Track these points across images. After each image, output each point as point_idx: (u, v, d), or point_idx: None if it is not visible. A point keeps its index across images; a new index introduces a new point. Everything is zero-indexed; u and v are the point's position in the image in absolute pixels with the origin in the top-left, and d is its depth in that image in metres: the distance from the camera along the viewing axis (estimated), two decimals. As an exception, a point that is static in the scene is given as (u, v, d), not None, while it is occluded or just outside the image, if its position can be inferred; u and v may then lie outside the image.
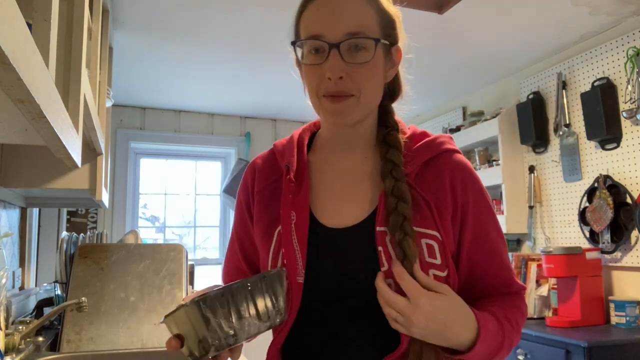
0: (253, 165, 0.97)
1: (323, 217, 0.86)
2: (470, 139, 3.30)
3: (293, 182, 0.87)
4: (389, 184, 0.82)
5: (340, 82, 0.80)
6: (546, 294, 2.62)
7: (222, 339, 0.68)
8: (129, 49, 2.75)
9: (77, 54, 1.03)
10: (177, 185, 4.15)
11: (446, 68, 3.11)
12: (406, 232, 0.77)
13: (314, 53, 0.82)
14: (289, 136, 0.97)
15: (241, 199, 0.96)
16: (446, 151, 0.88)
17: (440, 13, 2.35)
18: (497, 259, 0.88)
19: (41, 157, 1.71)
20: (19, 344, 1.47)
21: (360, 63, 0.80)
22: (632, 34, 2.43)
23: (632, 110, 2.39)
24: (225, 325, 0.68)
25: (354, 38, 0.79)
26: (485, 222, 0.86)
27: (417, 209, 0.81)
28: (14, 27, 0.44)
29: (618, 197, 2.45)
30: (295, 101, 3.74)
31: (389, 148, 0.86)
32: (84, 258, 1.81)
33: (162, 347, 1.64)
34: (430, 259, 0.80)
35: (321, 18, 0.81)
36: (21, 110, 0.58)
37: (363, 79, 0.81)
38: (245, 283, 0.71)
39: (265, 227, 0.89)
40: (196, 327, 0.68)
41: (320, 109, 0.85)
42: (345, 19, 0.79)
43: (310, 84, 0.84)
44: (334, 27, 0.79)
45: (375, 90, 0.85)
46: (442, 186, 0.84)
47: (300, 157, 0.91)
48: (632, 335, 2.16)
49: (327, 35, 0.79)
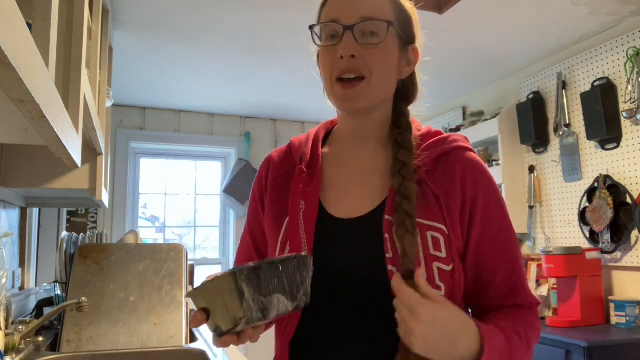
0: (269, 158, 1.00)
1: (332, 208, 0.87)
2: (470, 139, 3.23)
3: (305, 173, 0.90)
4: (397, 183, 0.83)
5: (352, 60, 0.83)
6: (546, 294, 2.62)
7: (253, 312, 0.67)
8: (129, 49, 2.75)
9: (77, 54, 1.03)
10: (177, 185, 4.15)
11: (446, 68, 3.11)
12: (407, 230, 0.78)
13: (331, 38, 0.86)
14: (307, 133, 1.00)
15: (255, 189, 0.99)
16: (458, 148, 0.89)
17: (440, 13, 2.35)
18: (507, 261, 0.85)
19: (41, 157, 1.71)
20: (19, 344, 1.47)
21: (373, 44, 0.83)
22: (632, 34, 2.43)
23: (632, 110, 2.39)
24: (257, 299, 0.67)
25: (366, 21, 0.83)
26: (494, 220, 0.85)
27: (426, 202, 0.82)
28: (14, 27, 0.44)
29: (618, 197, 2.45)
30: (295, 101, 3.74)
31: (399, 148, 0.88)
32: (84, 258, 1.81)
33: (162, 347, 1.64)
34: (435, 252, 0.80)
35: (339, 3, 0.86)
36: (21, 110, 0.58)
37: (374, 61, 0.83)
38: (278, 260, 0.71)
39: (275, 217, 0.91)
40: (228, 300, 0.67)
41: (332, 94, 0.87)
42: (361, 4, 0.84)
43: (325, 66, 0.87)
44: (349, 11, 0.84)
45: (387, 76, 0.87)
46: (453, 182, 0.85)
47: (314, 150, 0.94)
48: (632, 335, 2.15)
49: (342, 19, 0.84)
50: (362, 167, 0.91)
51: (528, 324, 0.83)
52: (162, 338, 1.67)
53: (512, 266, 0.85)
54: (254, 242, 0.99)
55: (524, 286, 0.86)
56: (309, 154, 0.93)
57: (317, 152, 0.93)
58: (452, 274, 0.80)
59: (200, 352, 1.60)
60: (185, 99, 3.72)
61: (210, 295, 0.69)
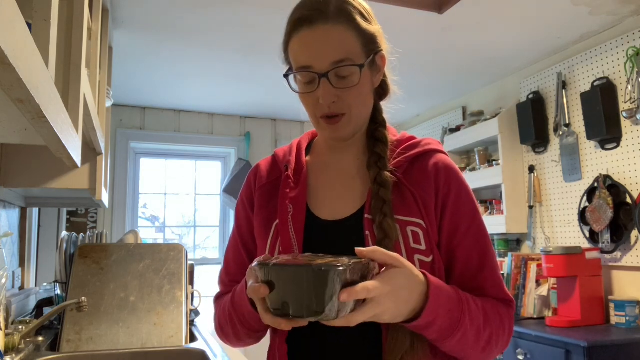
0: (256, 167, 1.05)
1: (318, 211, 0.93)
2: (470, 138, 3.30)
3: (291, 179, 0.95)
4: (373, 174, 0.90)
5: (332, 105, 0.88)
6: (546, 293, 2.62)
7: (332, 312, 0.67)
8: (129, 49, 2.75)
9: (77, 53, 1.03)
10: (177, 185, 4.15)
11: (446, 68, 3.12)
12: (385, 214, 0.84)
13: (307, 84, 0.89)
14: (289, 144, 1.06)
15: (243, 194, 1.04)
16: (431, 150, 0.95)
17: (440, 13, 2.35)
18: (478, 257, 0.88)
19: (41, 157, 1.71)
20: (18, 343, 1.47)
21: (348, 88, 0.87)
22: (632, 33, 2.43)
23: (632, 110, 2.39)
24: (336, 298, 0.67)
25: (339, 67, 0.85)
26: (464, 216, 0.89)
27: (403, 200, 0.88)
28: (14, 27, 0.44)
29: (618, 197, 2.45)
30: (295, 101, 3.71)
31: (376, 142, 0.95)
32: (83, 258, 1.81)
33: (162, 347, 1.64)
34: (416, 245, 0.85)
35: (308, 50, 0.87)
36: (21, 110, 0.58)
37: (352, 99, 0.89)
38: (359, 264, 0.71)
39: (264, 221, 0.95)
40: (313, 291, 0.66)
41: (318, 128, 0.95)
42: (330, 49, 0.85)
43: (308, 108, 0.93)
44: (320, 57, 0.86)
45: (365, 104, 0.93)
46: (427, 180, 0.91)
47: (298, 159, 1.00)
48: (632, 335, 2.16)
49: (315, 66, 0.86)
50: (344, 173, 0.97)
51: (492, 304, 0.86)
52: (162, 338, 1.67)
53: (483, 261, 0.89)
54: (243, 244, 1.02)
55: (495, 281, 0.89)
56: (294, 162, 0.98)
57: (302, 160, 0.99)
58: (432, 265, 0.85)
59: (200, 352, 1.60)
60: (185, 98, 3.72)
61: (290, 278, 0.69)
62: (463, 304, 0.80)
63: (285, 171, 0.97)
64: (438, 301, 0.77)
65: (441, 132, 3.72)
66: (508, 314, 0.88)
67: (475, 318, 0.81)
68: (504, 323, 0.86)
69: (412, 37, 2.63)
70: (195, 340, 1.76)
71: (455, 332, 0.79)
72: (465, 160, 3.54)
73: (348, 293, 0.67)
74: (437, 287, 0.78)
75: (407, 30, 2.54)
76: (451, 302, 0.79)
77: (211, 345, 1.65)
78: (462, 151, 3.52)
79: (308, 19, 0.86)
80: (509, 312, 0.89)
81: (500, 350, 0.88)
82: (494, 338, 0.84)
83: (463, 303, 0.81)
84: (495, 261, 0.91)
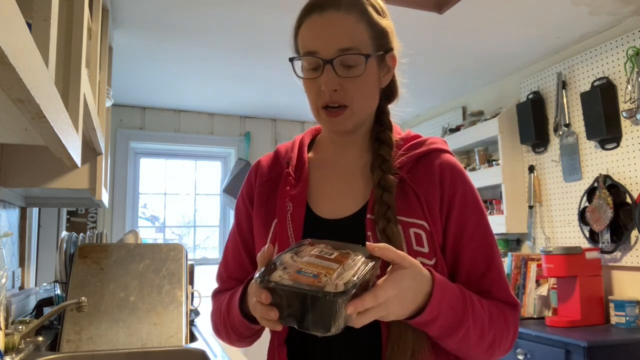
0: (257, 163, 1.04)
1: (319, 210, 0.92)
2: (470, 138, 3.30)
3: (292, 176, 0.94)
4: (377, 176, 0.88)
5: (334, 93, 0.87)
6: (546, 293, 2.62)
7: (339, 328, 0.67)
8: (129, 49, 2.75)
9: (77, 53, 1.03)
10: (177, 185, 4.15)
11: (446, 68, 3.12)
12: (389, 220, 0.83)
13: (311, 70, 0.88)
14: (292, 140, 1.04)
15: (244, 191, 1.02)
16: (437, 150, 0.93)
17: (440, 13, 2.35)
18: (483, 260, 0.87)
19: (41, 157, 1.71)
20: (18, 343, 1.47)
21: (352, 77, 0.86)
22: (632, 33, 2.43)
23: (632, 110, 2.39)
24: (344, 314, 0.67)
25: (345, 54, 0.85)
26: (470, 218, 0.88)
27: (407, 201, 0.87)
28: (14, 27, 0.44)
29: (618, 197, 2.45)
30: (295, 101, 3.74)
31: (380, 144, 0.93)
32: (83, 258, 1.81)
33: (162, 347, 1.64)
34: (418, 247, 0.84)
35: (316, 35, 0.87)
36: (21, 110, 0.58)
37: (355, 91, 0.87)
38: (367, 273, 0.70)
39: (263, 218, 0.94)
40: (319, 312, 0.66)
41: (319, 119, 0.93)
42: (337, 35, 0.85)
43: (310, 96, 0.91)
44: (327, 43, 0.85)
45: (368, 99, 0.91)
46: (432, 180, 0.89)
47: (300, 156, 0.98)
48: (632, 335, 2.16)
49: (321, 52, 0.86)
50: (346, 171, 0.95)
51: (497, 306, 0.85)
52: (162, 338, 1.67)
53: (489, 264, 0.88)
54: (242, 240, 1.01)
55: (502, 284, 0.88)
56: (296, 159, 0.97)
57: (303, 157, 0.98)
58: (434, 268, 0.83)
59: (200, 352, 1.60)
60: (185, 98, 3.72)
61: (295, 297, 0.69)
62: (467, 303, 0.80)
63: (287, 168, 0.96)
64: (442, 297, 0.77)
65: (441, 132, 3.72)
66: (513, 317, 0.87)
67: (479, 317, 0.81)
68: (508, 325, 0.85)
69: (412, 37, 2.63)
70: (195, 340, 1.76)
71: (458, 330, 0.78)
72: (465, 160, 3.54)
73: (354, 306, 0.67)
74: (442, 284, 0.78)
75: (407, 30, 2.54)
76: (455, 300, 0.79)
77: (211, 345, 1.65)
78: (462, 151, 3.52)
79: (320, 5, 0.86)
80: (514, 315, 0.88)
81: (504, 353, 0.87)
82: (498, 340, 0.84)
83: (467, 301, 0.80)
84: (501, 263, 0.90)
